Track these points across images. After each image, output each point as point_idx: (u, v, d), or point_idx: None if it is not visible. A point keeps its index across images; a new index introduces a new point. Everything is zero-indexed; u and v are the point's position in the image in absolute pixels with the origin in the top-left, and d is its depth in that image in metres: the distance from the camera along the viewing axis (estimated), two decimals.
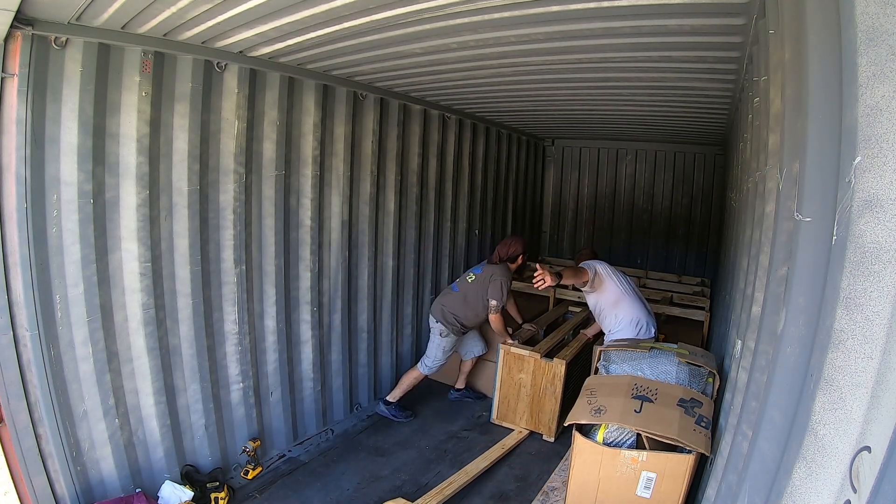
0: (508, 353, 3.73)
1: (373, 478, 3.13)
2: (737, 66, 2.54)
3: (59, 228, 2.27)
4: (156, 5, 2.03)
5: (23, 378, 2.22)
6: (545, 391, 3.60)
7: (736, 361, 1.95)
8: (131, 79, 2.39)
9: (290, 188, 3.19)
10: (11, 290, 2.17)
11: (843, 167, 0.89)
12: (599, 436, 2.15)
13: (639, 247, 6.42)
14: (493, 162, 5.44)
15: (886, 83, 0.79)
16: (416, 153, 4.18)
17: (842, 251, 0.88)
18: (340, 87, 3.39)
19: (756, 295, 1.65)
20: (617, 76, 3.02)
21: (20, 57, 2.04)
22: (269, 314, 3.18)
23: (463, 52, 2.66)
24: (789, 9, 1.34)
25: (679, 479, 1.99)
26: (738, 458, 1.47)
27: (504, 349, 3.75)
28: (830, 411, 0.87)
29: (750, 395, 1.49)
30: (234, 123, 2.80)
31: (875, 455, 0.70)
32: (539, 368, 3.61)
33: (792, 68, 1.30)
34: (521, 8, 2.02)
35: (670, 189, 6.26)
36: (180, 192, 2.65)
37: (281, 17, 2.18)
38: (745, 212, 2.43)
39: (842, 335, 0.86)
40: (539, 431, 3.65)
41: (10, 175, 2.11)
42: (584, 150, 6.61)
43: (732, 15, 1.97)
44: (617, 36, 2.27)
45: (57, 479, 2.35)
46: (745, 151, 2.57)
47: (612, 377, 2.49)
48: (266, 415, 3.26)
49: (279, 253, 3.15)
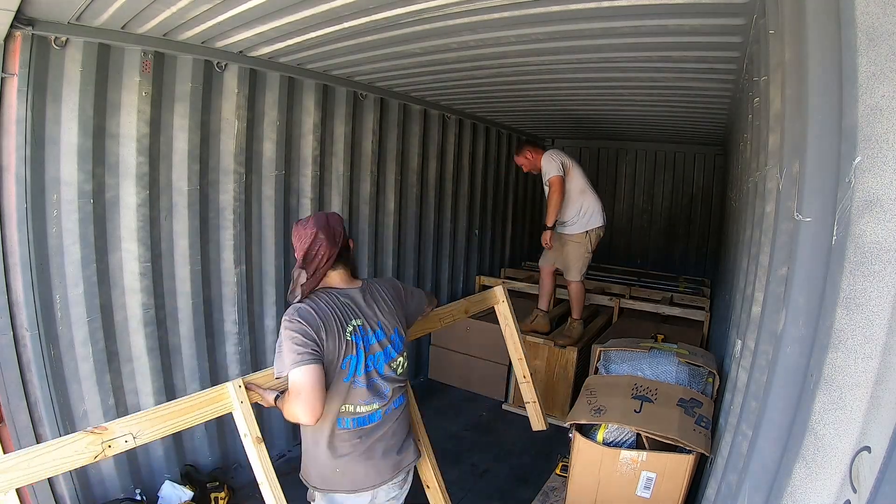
0: (524, 342, 3.87)
1: None
2: (737, 66, 2.54)
3: (59, 228, 2.27)
4: (156, 5, 2.02)
5: (23, 378, 2.22)
6: (559, 377, 3.78)
7: (736, 361, 1.95)
8: (131, 79, 2.39)
9: (290, 188, 3.19)
10: (11, 290, 2.17)
11: (843, 167, 0.89)
12: (599, 436, 2.15)
13: (639, 247, 6.42)
14: (493, 162, 5.44)
15: (886, 83, 0.79)
16: (416, 153, 4.18)
17: (842, 251, 0.88)
18: (340, 87, 3.39)
19: (756, 295, 1.65)
20: (617, 76, 3.02)
21: (20, 57, 2.04)
22: (269, 314, 3.18)
23: (463, 53, 2.66)
24: (789, 9, 1.34)
25: (679, 479, 1.99)
26: (738, 458, 1.47)
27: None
28: (830, 411, 0.87)
29: (750, 395, 1.49)
30: (234, 123, 2.80)
31: (875, 455, 0.70)
32: (553, 355, 3.79)
33: (792, 68, 1.30)
34: (521, 8, 2.02)
35: (670, 189, 6.26)
36: (180, 192, 2.65)
37: (281, 17, 2.18)
38: (745, 212, 2.43)
39: (842, 335, 0.86)
40: (553, 414, 3.75)
41: (10, 175, 2.11)
42: (584, 150, 6.61)
43: (732, 15, 1.97)
44: (617, 36, 2.27)
45: (57, 479, 2.35)
46: (745, 151, 2.57)
47: (612, 377, 2.50)
48: (266, 415, 3.26)
49: (279, 253, 3.14)
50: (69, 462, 1.33)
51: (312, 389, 1.43)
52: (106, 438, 1.38)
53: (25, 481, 1.27)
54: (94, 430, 1.37)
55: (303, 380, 1.43)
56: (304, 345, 1.45)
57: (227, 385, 1.56)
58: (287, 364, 1.45)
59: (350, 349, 1.54)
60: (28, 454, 1.27)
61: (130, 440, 1.42)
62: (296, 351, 1.44)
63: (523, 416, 3.91)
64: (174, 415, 1.47)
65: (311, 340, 1.46)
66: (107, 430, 1.38)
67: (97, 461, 1.39)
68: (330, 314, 1.53)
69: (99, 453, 1.37)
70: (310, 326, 1.47)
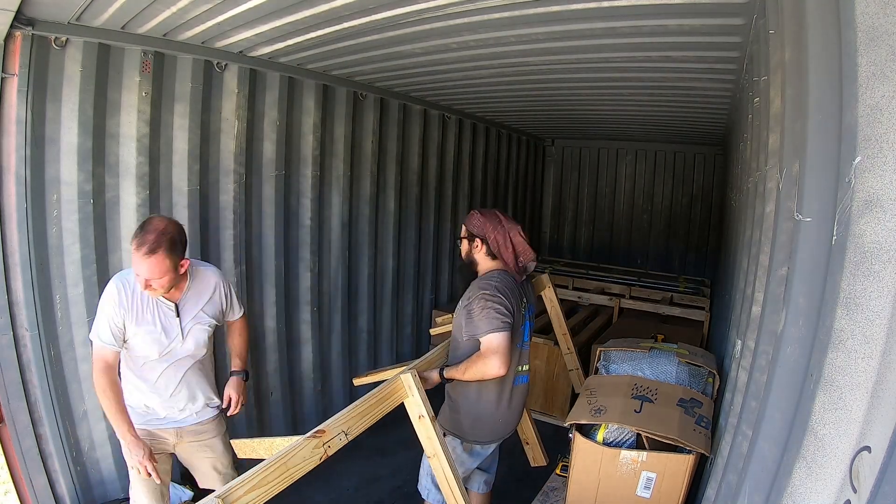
0: None
1: (373, 477, 3.13)
2: (737, 66, 2.54)
3: (59, 228, 2.27)
4: (156, 5, 2.03)
5: (23, 378, 2.22)
6: (558, 376, 3.77)
7: (736, 361, 1.95)
8: (131, 79, 2.39)
9: (290, 188, 3.19)
10: (11, 290, 2.17)
11: (843, 167, 0.89)
12: (599, 436, 2.15)
13: (639, 247, 6.42)
14: (493, 162, 5.44)
15: (886, 83, 0.79)
16: (416, 153, 4.18)
17: (842, 251, 0.87)
18: (340, 87, 3.39)
19: (756, 295, 1.65)
20: (617, 76, 3.02)
21: (20, 57, 2.04)
22: (269, 314, 3.18)
23: (463, 53, 2.66)
24: (789, 9, 1.33)
25: (679, 479, 1.99)
26: (738, 458, 1.47)
27: None
28: (830, 411, 0.87)
29: (750, 395, 1.49)
30: (234, 123, 2.80)
31: (875, 455, 0.69)
32: (553, 355, 3.78)
33: (792, 68, 1.30)
34: (521, 8, 2.02)
35: (670, 189, 6.26)
36: (180, 192, 2.65)
37: (281, 17, 2.18)
38: (745, 212, 2.43)
39: (842, 335, 0.86)
40: (553, 414, 3.81)
41: (10, 175, 2.11)
42: (584, 150, 6.62)
43: (732, 15, 1.97)
44: (617, 36, 2.27)
45: (57, 479, 2.35)
46: (745, 151, 2.57)
47: (612, 377, 2.49)
48: (266, 415, 3.26)
49: (279, 253, 3.15)
50: (301, 469, 1.45)
51: (506, 349, 1.83)
52: (326, 440, 1.53)
53: (268, 496, 1.37)
54: (315, 435, 1.51)
55: (501, 342, 1.82)
56: (503, 314, 1.84)
57: (403, 377, 1.78)
58: (484, 329, 1.84)
59: (521, 320, 2.00)
60: (263, 470, 1.36)
61: (343, 437, 1.59)
62: (499, 318, 1.83)
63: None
64: (368, 409, 1.70)
65: (508, 311, 1.87)
66: (325, 433, 1.53)
67: (321, 462, 1.52)
68: (516, 290, 1.98)
69: (322, 455, 1.51)
70: (506, 299, 1.89)
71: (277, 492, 1.40)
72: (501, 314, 1.84)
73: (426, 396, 1.83)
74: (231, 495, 1.26)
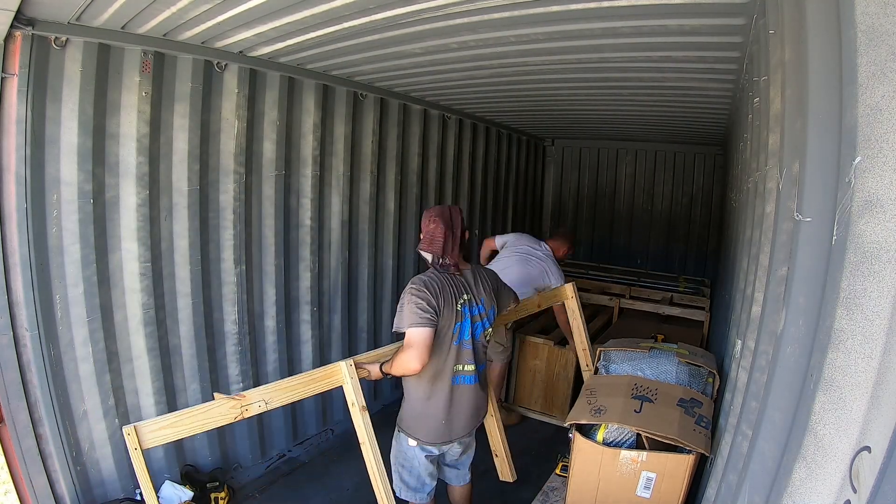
0: (525, 342, 3.92)
1: None
2: (737, 66, 2.54)
3: (59, 228, 2.27)
4: (156, 5, 2.03)
5: (23, 378, 2.22)
6: (558, 376, 3.78)
7: (736, 361, 1.95)
8: (131, 79, 2.39)
9: (290, 188, 3.19)
10: (11, 290, 2.17)
11: (843, 167, 0.89)
12: (599, 436, 2.15)
13: (639, 247, 6.42)
14: (493, 162, 5.44)
15: (886, 83, 0.79)
16: (416, 153, 4.18)
17: (842, 251, 0.88)
18: (340, 87, 3.39)
19: (756, 295, 1.65)
20: (617, 76, 3.02)
21: (20, 57, 2.04)
22: (269, 314, 3.18)
23: (463, 52, 2.66)
24: (789, 9, 1.33)
25: (679, 479, 1.99)
26: (738, 458, 1.47)
27: (520, 338, 3.92)
28: (830, 411, 0.87)
29: (750, 395, 1.49)
30: (234, 123, 2.80)
31: (875, 455, 0.69)
32: (553, 355, 3.79)
33: (792, 68, 1.30)
34: (521, 8, 2.02)
35: (670, 189, 6.26)
36: (180, 192, 2.65)
37: (281, 17, 2.18)
38: (745, 212, 2.42)
39: (842, 335, 0.86)
40: (553, 414, 3.82)
41: (10, 175, 2.11)
42: (584, 150, 6.61)
43: (732, 15, 1.96)
44: (617, 36, 2.26)
45: (57, 479, 2.35)
46: (745, 151, 2.57)
47: (612, 377, 2.49)
48: (266, 414, 3.26)
49: (279, 253, 3.15)
50: (215, 421, 1.63)
51: (422, 344, 1.82)
52: (244, 403, 1.68)
53: (179, 436, 1.60)
54: (235, 397, 1.67)
55: (418, 337, 1.82)
56: (424, 310, 1.84)
57: (340, 364, 1.86)
58: (406, 323, 1.84)
59: (459, 317, 1.95)
60: (182, 414, 1.59)
61: (263, 405, 1.72)
62: (417, 314, 1.83)
63: (523, 415, 3.93)
64: (296, 387, 1.80)
65: (430, 307, 1.85)
66: (245, 398, 1.69)
67: (236, 421, 1.70)
68: (447, 287, 1.93)
69: (238, 415, 1.66)
70: (431, 295, 1.87)
71: (188, 434, 1.64)
72: (422, 309, 1.84)
73: (359, 386, 1.95)
74: (146, 427, 1.56)
